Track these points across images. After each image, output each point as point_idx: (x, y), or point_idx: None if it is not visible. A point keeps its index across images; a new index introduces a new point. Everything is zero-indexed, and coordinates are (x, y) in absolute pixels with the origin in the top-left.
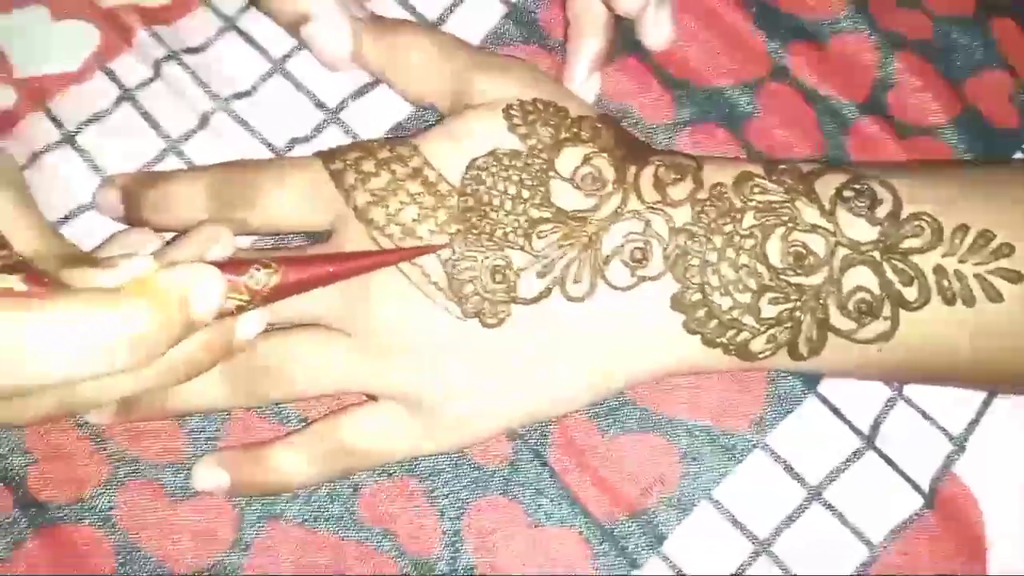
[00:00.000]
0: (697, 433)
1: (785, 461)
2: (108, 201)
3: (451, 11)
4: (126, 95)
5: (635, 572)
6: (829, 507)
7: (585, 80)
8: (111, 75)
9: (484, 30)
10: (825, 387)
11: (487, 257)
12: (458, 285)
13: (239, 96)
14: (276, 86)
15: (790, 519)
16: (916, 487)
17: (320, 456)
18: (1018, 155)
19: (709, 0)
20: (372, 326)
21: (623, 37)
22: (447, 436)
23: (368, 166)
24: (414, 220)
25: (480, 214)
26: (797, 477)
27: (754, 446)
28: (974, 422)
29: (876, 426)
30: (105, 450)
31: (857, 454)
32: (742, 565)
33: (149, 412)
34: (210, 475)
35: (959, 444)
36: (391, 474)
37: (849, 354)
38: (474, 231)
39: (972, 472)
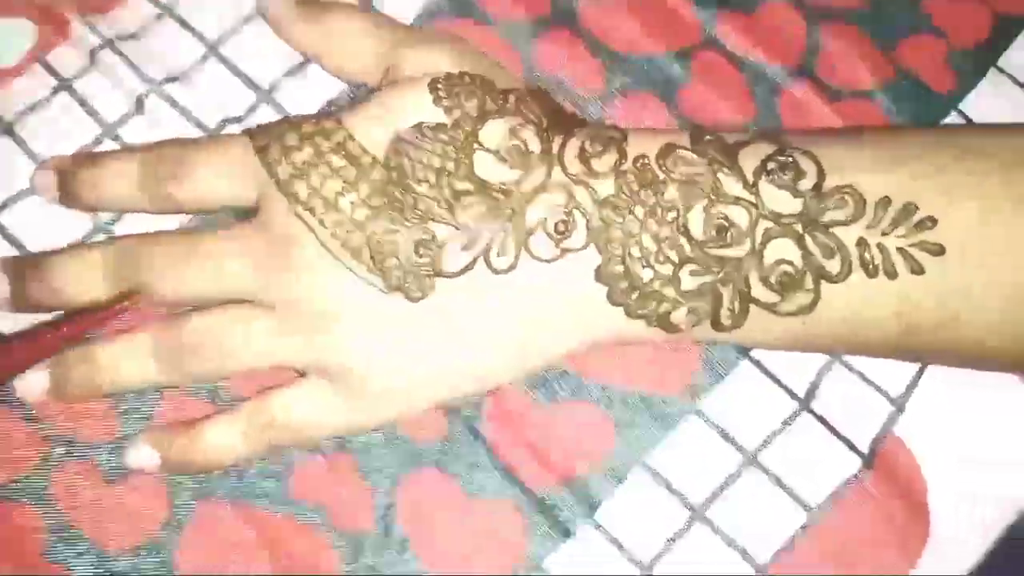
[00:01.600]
0: (630, 400)
1: (719, 427)
2: (44, 182)
3: None
4: (63, 85)
5: (568, 540)
6: (765, 471)
7: None
8: (48, 67)
9: (417, 5)
10: (760, 352)
11: (410, 230)
12: (381, 258)
13: (172, 79)
14: (210, 69)
15: (725, 484)
16: (854, 449)
17: (251, 433)
18: (952, 116)
19: None
20: (294, 299)
21: (556, 7)
22: (374, 411)
23: (291, 139)
24: (337, 193)
25: (403, 187)
26: (732, 442)
27: (688, 412)
28: (913, 384)
29: (813, 389)
30: (40, 430)
31: (793, 417)
32: (677, 532)
33: (81, 391)
34: (142, 454)
35: (899, 406)
36: (324, 452)
37: (773, 326)
38: (397, 204)
39: (912, 433)
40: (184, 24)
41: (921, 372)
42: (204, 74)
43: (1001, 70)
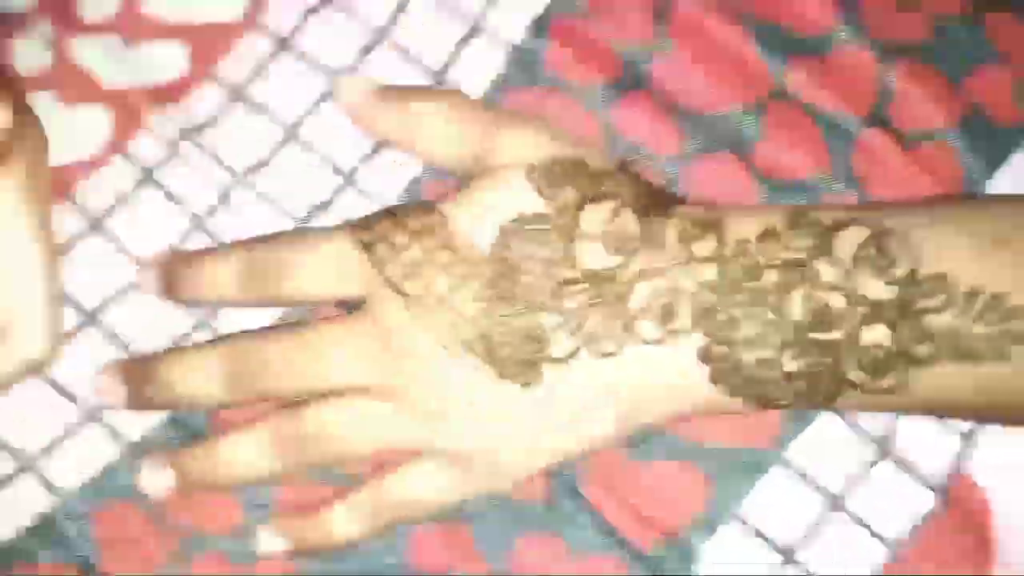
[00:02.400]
0: (720, 455)
1: (804, 473)
2: (148, 281)
3: (454, 60)
4: (146, 177)
5: None
6: (848, 512)
7: None
8: (129, 158)
9: (488, 78)
10: None
11: (519, 320)
12: (493, 350)
13: (255, 168)
14: (290, 153)
15: (813, 528)
16: (930, 487)
17: (374, 514)
18: (1020, 152)
19: (707, 24)
20: (411, 390)
21: (628, 68)
22: (489, 484)
23: (398, 238)
24: (448, 291)
25: (511, 280)
26: (817, 487)
27: (774, 462)
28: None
29: (889, 433)
30: (167, 526)
31: (873, 461)
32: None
33: (204, 485)
34: (273, 541)
35: (969, 441)
36: (436, 520)
37: (862, 402)
38: (506, 296)
39: (982, 468)
40: (257, 107)
41: None
42: (283, 159)
43: None
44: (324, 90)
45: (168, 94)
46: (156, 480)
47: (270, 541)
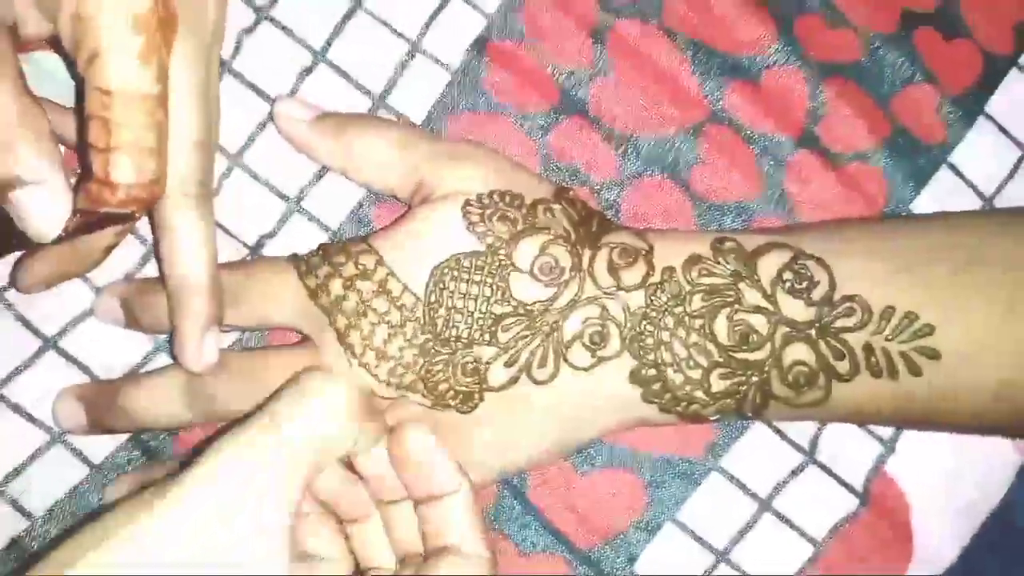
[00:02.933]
0: (659, 463)
1: (738, 480)
2: (107, 309)
3: (395, 82)
4: None
5: None
6: (777, 515)
7: (200, 347)
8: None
9: (430, 100)
10: None
11: (456, 357)
12: (432, 387)
13: None
14: (237, 181)
15: (745, 529)
16: (851, 489)
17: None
18: (943, 170)
19: (646, 47)
20: None
21: (566, 95)
22: None
23: (336, 287)
24: (385, 341)
25: (445, 319)
26: (749, 492)
27: (710, 469)
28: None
29: (815, 440)
30: None
31: (800, 467)
32: (704, 574)
33: None
34: None
35: (889, 446)
36: None
37: (788, 413)
38: (442, 336)
39: (900, 468)
40: None
41: None
42: (232, 187)
43: (989, 117)
44: (265, 115)
45: None
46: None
47: None
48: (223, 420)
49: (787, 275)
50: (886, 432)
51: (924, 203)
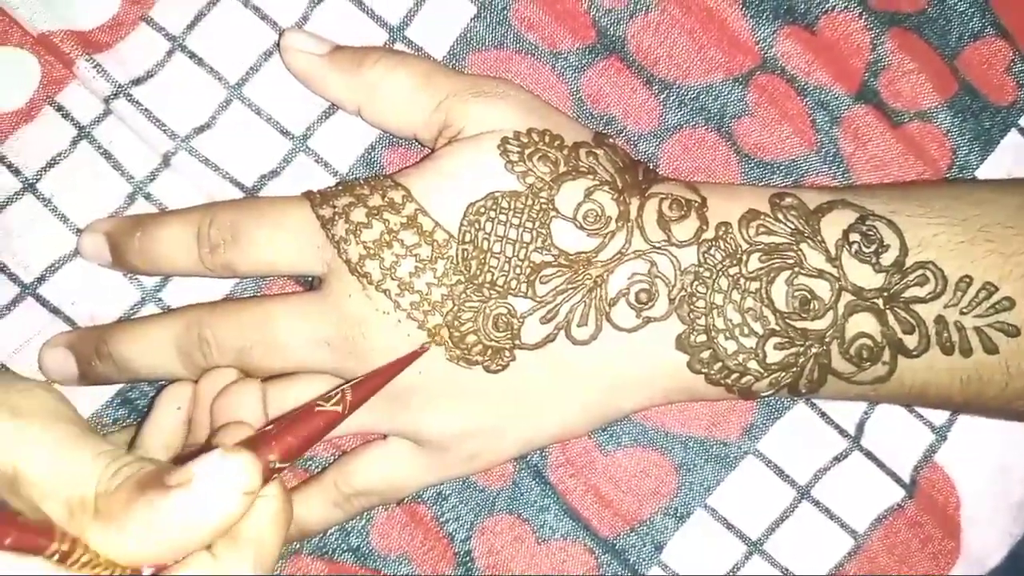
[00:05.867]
0: (691, 444)
1: (776, 465)
2: (94, 249)
3: (414, 14)
4: (82, 134)
5: None
6: (816, 504)
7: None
8: (62, 111)
9: (452, 35)
10: None
11: (489, 306)
12: (460, 337)
13: (199, 131)
14: (235, 115)
15: (781, 519)
16: (898, 480)
17: (341, 502)
18: (1012, 134)
19: None
20: None
21: (603, 33)
22: (456, 469)
23: (359, 215)
24: (411, 274)
25: (480, 262)
26: (787, 479)
27: (746, 453)
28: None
29: (861, 425)
30: None
31: (844, 453)
32: (735, 566)
33: None
34: None
35: (941, 434)
36: (400, 502)
37: (847, 391)
38: (475, 280)
39: (952, 459)
40: (199, 61)
41: None
42: (228, 121)
43: None
44: (270, 46)
45: (98, 37)
46: None
47: None
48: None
49: (854, 237)
50: (938, 418)
51: (990, 169)
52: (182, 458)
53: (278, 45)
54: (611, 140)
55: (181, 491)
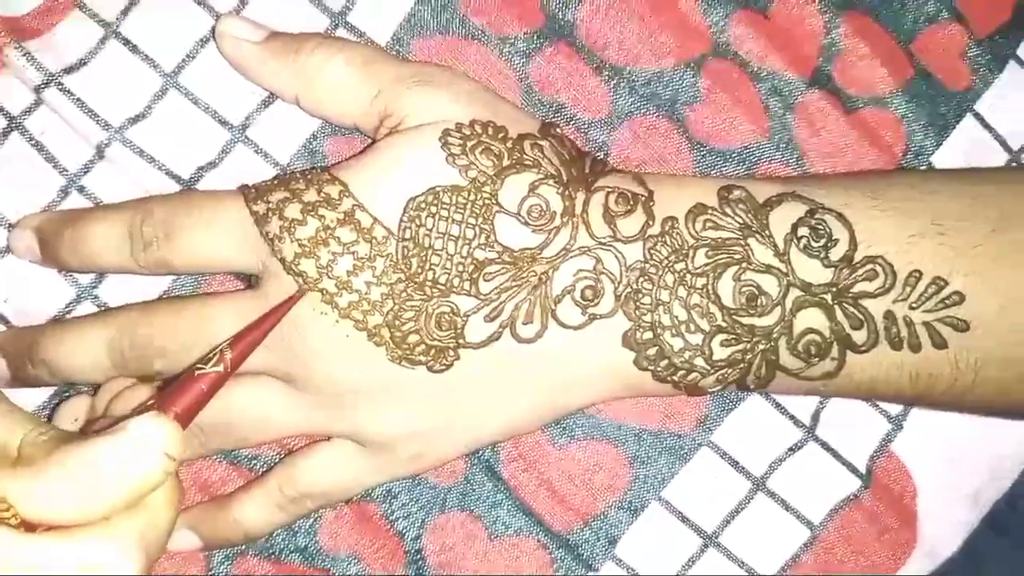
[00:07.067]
0: (645, 437)
1: (731, 456)
2: (24, 245)
3: (355, 1)
4: (12, 125)
5: (591, 575)
6: (772, 495)
7: None
8: None
9: (396, 20)
10: None
11: (431, 305)
12: (401, 337)
13: (133, 121)
14: (172, 104)
15: (736, 510)
16: (854, 470)
17: (285, 505)
18: (967, 119)
19: None
20: (315, 380)
21: (552, 18)
22: (401, 469)
23: (293, 211)
24: (349, 273)
25: (421, 259)
26: (742, 470)
27: (700, 444)
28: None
29: (816, 415)
30: None
31: (799, 444)
32: (691, 558)
33: None
34: (183, 537)
35: (897, 423)
36: (348, 501)
37: (795, 386)
38: (416, 279)
39: (908, 448)
40: (133, 48)
41: None
42: (164, 110)
43: (1020, 61)
44: (208, 31)
45: (28, 24)
46: None
47: (182, 537)
48: (151, 373)
49: (803, 231)
50: (894, 408)
51: (945, 155)
52: None
53: (213, 31)
54: (558, 130)
55: (105, 440)
